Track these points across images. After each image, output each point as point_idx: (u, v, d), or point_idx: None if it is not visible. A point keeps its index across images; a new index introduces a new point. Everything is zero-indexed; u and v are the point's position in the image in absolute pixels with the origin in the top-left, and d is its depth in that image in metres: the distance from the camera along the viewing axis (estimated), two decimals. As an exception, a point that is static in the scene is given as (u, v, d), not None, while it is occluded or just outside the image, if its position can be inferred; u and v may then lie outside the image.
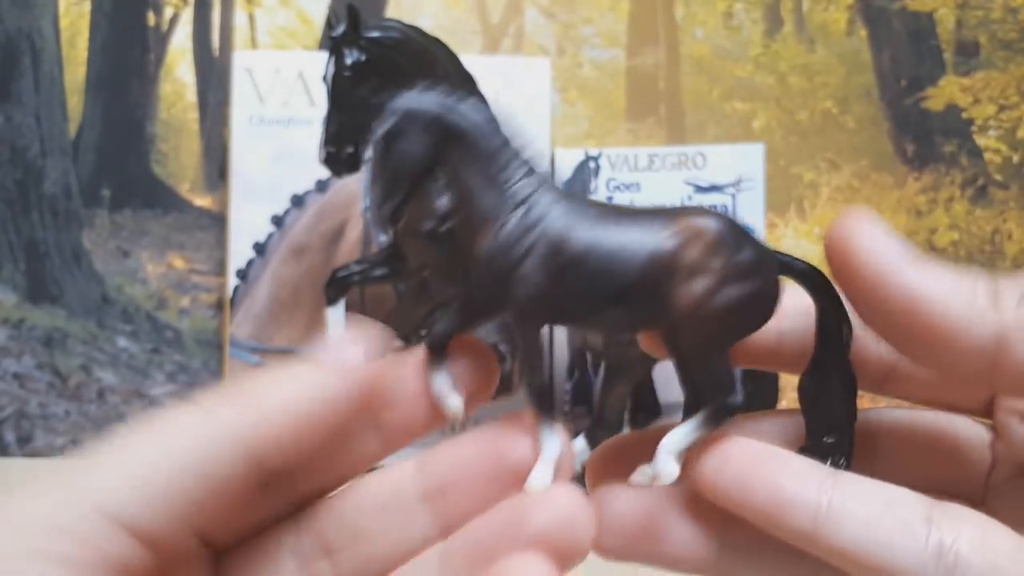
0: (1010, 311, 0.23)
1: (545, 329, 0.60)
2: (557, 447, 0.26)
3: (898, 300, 0.24)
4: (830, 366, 0.26)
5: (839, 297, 0.26)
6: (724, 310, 0.25)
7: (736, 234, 0.26)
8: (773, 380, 0.73)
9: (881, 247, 0.24)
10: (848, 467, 0.26)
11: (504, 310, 0.27)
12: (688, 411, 0.28)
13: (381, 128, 0.27)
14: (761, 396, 0.71)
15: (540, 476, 0.26)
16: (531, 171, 0.27)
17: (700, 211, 0.27)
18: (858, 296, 0.25)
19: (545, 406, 0.27)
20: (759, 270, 0.26)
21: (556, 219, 0.26)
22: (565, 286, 0.26)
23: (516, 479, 0.26)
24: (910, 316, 0.24)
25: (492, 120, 0.28)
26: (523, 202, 0.26)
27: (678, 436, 0.26)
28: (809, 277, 0.27)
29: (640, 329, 0.28)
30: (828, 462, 0.26)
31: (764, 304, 0.26)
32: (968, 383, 0.26)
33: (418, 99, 0.27)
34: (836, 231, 0.25)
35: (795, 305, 0.27)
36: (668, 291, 0.25)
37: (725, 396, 0.26)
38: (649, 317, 0.26)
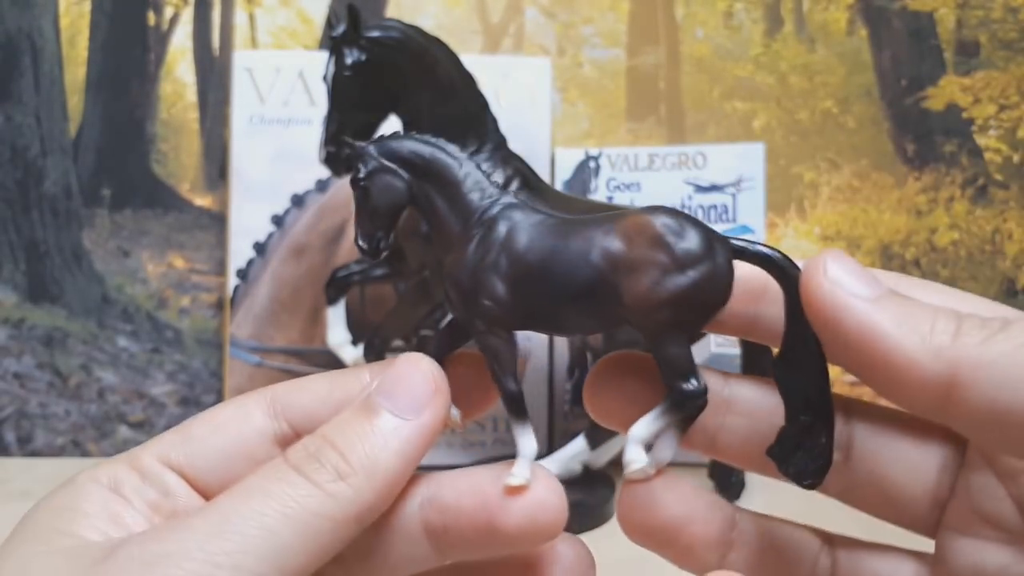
0: (967, 349, 0.24)
1: (536, 338, 0.61)
2: (532, 445, 0.29)
3: (854, 336, 0.25)
4: (799, 346, 0.27)
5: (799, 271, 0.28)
6: (671, 299, 0.27)
7: (679, 225, 0.28)
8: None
9: (841, 284, 0.26)
10: (828, 445, 0.27)
11: (471, 324, 0.29)
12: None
13: (360, 172, 0.30)
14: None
15: (518, 471, 0.28)
16: (497, 192, 0.30)
17: (647, 209, 0.29)
18: (821, 332, 0.27)
19: (518, 411, 0.29)
20: (705, 258, 0.27)
21: (513, 234, 0.29)
22: (525, 295, 0.28)
23: (508, 539, 0.29)
24: (864, 352, 0.25)
25: (456, 151, 0.31)
26: (487, 222, 0.29)
27: (642, 425, 0.28)
28: (770, 261, 0.28)
29: (605, 327, 0.30)
30: (807, 440, 0.27)
31: (714, 290, 0.27)
32: (926, 416, 0.27)
33: (394, 143, 0.30)
34: (804, 270, 0.26)
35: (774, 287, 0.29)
36: (619, 287, 0.27)
37: (683, 382, 0.28)
38: (608, 315, 0.28)
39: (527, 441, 0.28)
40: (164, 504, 0.28)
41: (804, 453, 0.27)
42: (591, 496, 0.66)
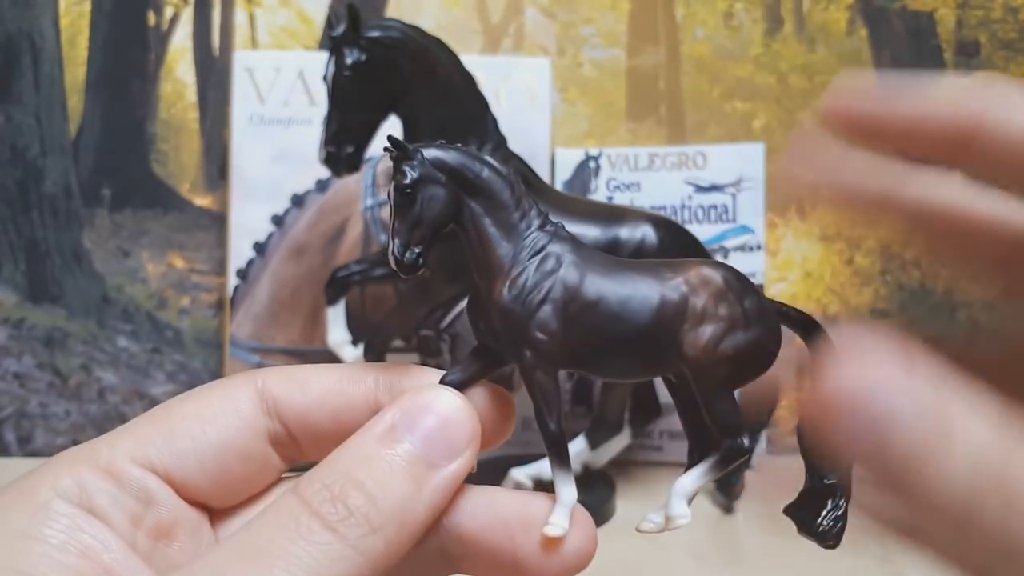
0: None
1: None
2: (572, 493, 0.27)
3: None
4: None
5: (831, 342, 0.27)
6: (731, 355, 0.27)
7: (741, 283, 0.28)
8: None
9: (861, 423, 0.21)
10: (846, 507, 0.26)
11: (520, 356, 0.28)
12: (692, 454, 0.29)
13: (407, 177, 0.27)
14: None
15: (558, 520, 0.27)
16: (546, 222, 0.29)
17: (706, 262, 0.28)
18: None
19: (560, 455, 0.28)
20: (761, 317, 0.27)
21: (570, 268, 0.27)
22: (579, 332, 0.27)
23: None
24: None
25: (510, 173, 0.29)
26: (539, 251, 0.28)
27: (689, 480, 0.28)
28: (803, 325, 0.28)
29: (649, 374, 0.29)
30: (830, 504, 0.27)
31: (767, 349, 0.27)
32: None
33: (443, 152, 0.28)
34: (820, 401, 0.22)
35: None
36: (677, 337, 0.27)
37: (734, 438, 0.27)
38: (657, 363, 0.28)
39: (568, 489, 0.27)
40: (146, 517, 0.25)
41: (827, 514, 0.27)
42: (591, 496, 0.66)
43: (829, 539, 0.27)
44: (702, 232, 0.78)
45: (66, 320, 0.85)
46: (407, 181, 0.27)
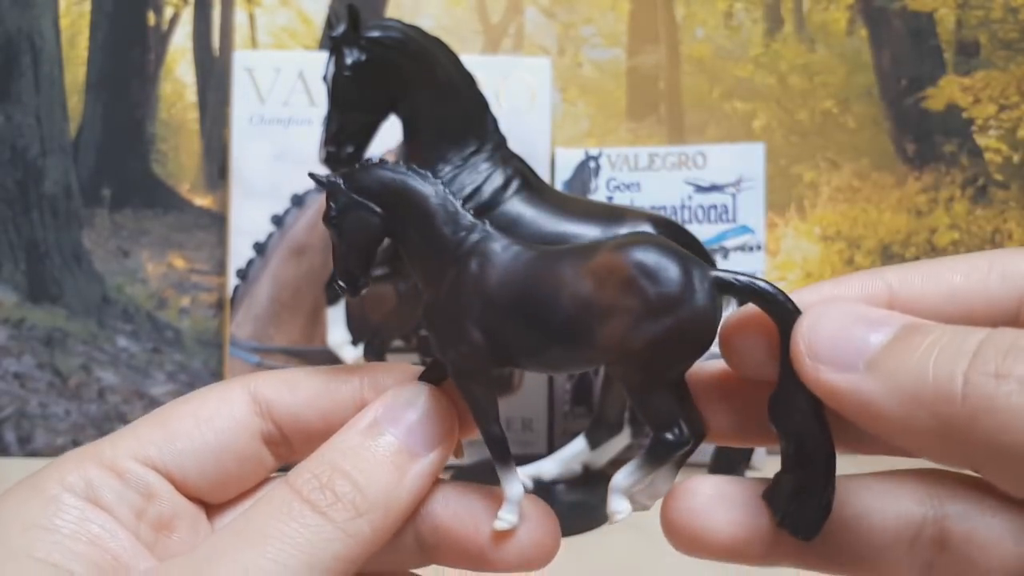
0: (978, 406, 0.20)
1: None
2: (518, 489, 0.28)
3: (850, 416, 0.22)
4: (792, 390, 0.24)
5: (797, 311, 0.24)
6: (646, 348, 0.25)
7: (654, 263, 0.25)
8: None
9: (824, 361, 0.22)
10: (827, 497, 0.24)
11: (447, 367, 0.28)
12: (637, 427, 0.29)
13: (331, 210, 0.28)
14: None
15: (507, 515, 0.27)
16: (474, 225, 0.28)
17: (621, 243, 0.26)
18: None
19: (502, 455, 0.28)
20: (681, 300, 0.25)
21: (488, 272, 0.27)
22: (503, 336, 0.27)
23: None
24: (864, 428, 0.22)
25: (432, 181, 0.29)
26: (460, 258, 0.28)
27: (624, 475, 0.27)
28: (761, 296, 0.25)
29: (587, 366, 0.28)
30: (804, 490, 0.24)
31: (695, 333, 0.25)
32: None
33: (362, 174, 0.29)
34: (792, 341, 0.23)
35: None
36: (592, 333, 0.26)
37: (663, 432, 0.26)
38: (587, 356, 0.27)
39: (513, 486, 0.28)
40: (148, 510, 0.26)
41: (801, 503, 0.24)
42: (591, 496, 0.66)
43: (800, 531, 0.25)
44: (702, 232, 0.78)
45: (66, 320, 0.85)
46: (332, 213, 0.28)
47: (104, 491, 0.25)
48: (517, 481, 0.28)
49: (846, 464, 0.24)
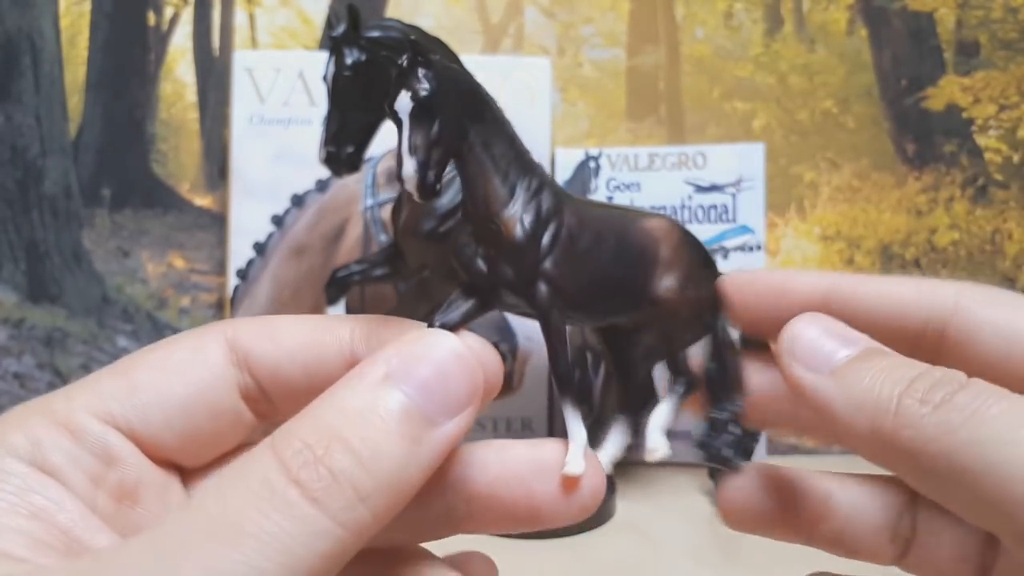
0: (919, 434, 0.23)
1: (536, 338, 0.61)
2: (583, 431, 0.28)
3: (815, 411, 0.26)
4: (722, 352, 0.30)
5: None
6: (694, 299, 0.30)
7: (694, 236, 0.31)
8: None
9: (800, 360, 0.26)
10: (755, 436, 0.30)
11: (533, 295, 0.27)
12: (626, 408, 0.32)
13: (426, 86, 0.24)
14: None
15: (577, 459, 0.26)
16: (535, 164, 0.29)
17: (660, 215, 0.31)
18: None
19: (570, 390, 0.28)
20: (715, 269, 0.30)
21: (568, 211, 0.28)
22: (580, 274, 0.28)
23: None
24: (824, 425, 0.26)
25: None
26: (537, 192, 0.28)
27: (662, 414, 0.31)
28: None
29: (614, 318, 0.30)
30: (732, 430, 0.29)
31: (718, 300, 0.30)
32: None
33: (450, 69, 0.26)
34: (780, 339, 0.27)
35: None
36: (651, 281, 0.29)
37: (689, 375, 0.31)
38: (629, 306, 0.29)
39: (580, 427, 0.27)
40: (108, 476, 0.22)
41: (732, 440, 0.29)
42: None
43: (732, 462, 0.29)
44: (702, 232, 0.78)
45: (66, 320, 0.85)
46: (426, 90, 0.24)
47: (53, 454, 0.21)
48: (582, 423, 0.27)
49: (841, 463, 0.29)
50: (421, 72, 0.24)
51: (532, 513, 0.25)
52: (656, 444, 0.29)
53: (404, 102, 0.24)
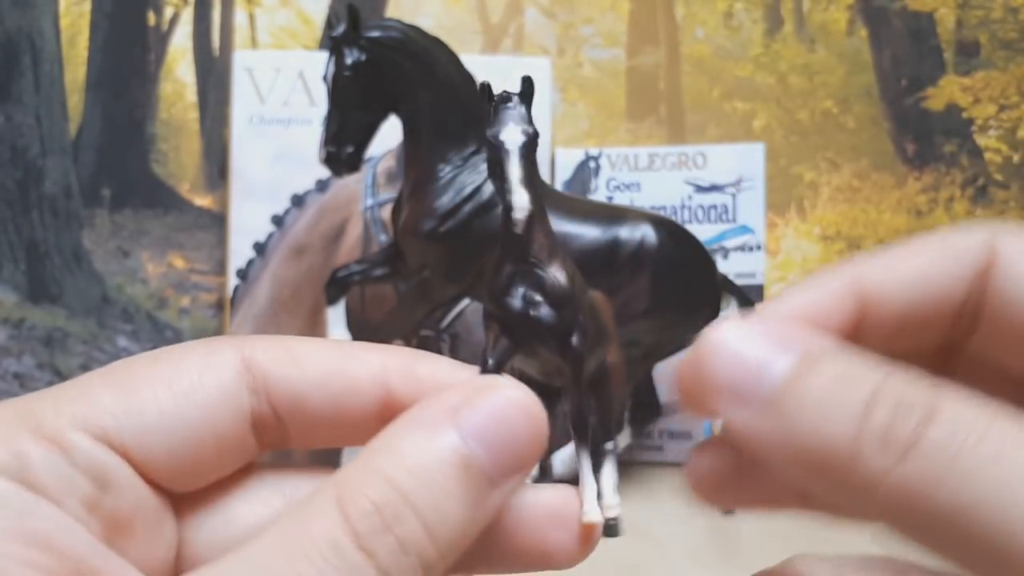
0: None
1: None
2: (594, 479, 0.26)
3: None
4: None
5: None
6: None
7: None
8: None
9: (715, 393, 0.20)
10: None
11: (566, 345, 0.26)
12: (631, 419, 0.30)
13: (532, 129, 0.25)
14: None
15: (592, 508, 0.25)
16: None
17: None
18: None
19: (586, 439, 0.27)
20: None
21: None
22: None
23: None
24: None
25: None
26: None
27: (611, 471, 0.27)
28: None
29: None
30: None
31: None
32: None
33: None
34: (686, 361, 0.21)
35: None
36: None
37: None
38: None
39: (591, 474, 0.26)
40: (104, 502, 0.19)
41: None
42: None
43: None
44: (702, 232, 0.78)
45: (66, 320, 0.85)
46: (536, 130, 0.25)
47: (44, 474, 0.18)
48: (592, 470, 0.26)
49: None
50: (530, 112, 0.25)
51: (544, 558, 0.23)
52: (612, 502, 0.27)
53: (516, 136, 0.24)
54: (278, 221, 0.81)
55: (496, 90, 0.27)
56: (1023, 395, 0.22)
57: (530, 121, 0.25)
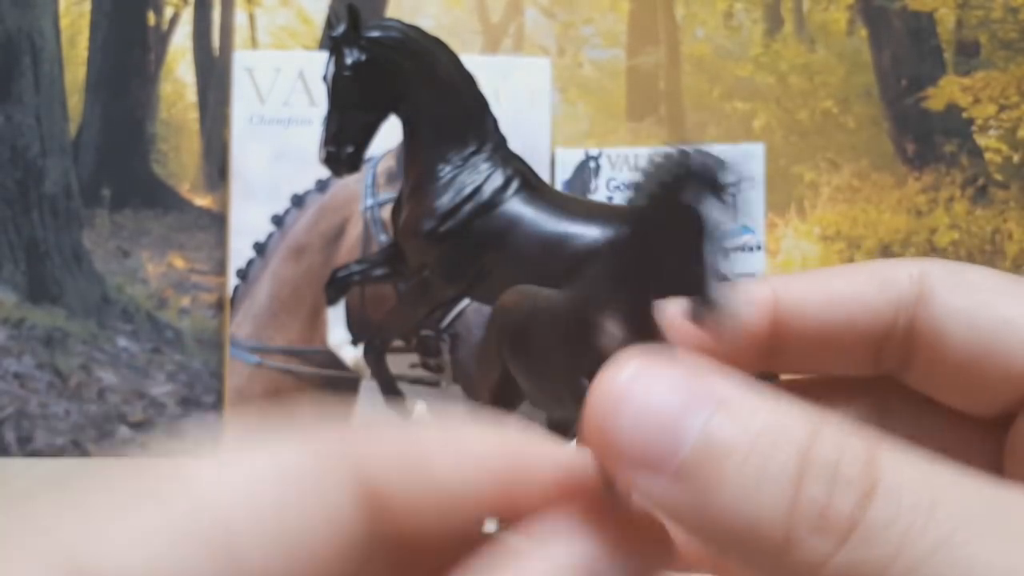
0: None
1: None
2: None
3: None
4: None
5: None
6: None
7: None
8: None
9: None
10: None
11: None
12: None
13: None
14: None
15: None
16: None
17: None
18: None
19: None
20: None
21: None
22: None
23: None
24: None
25: None
26: None
27: None
28: None
29: None
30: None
31: None
32: None
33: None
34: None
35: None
36: None
37: None
38: None
39: None
40: None
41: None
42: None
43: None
44: (702, 232, 0.78)
45: (66, 320, 0.84)
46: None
47: None
48: None
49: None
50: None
51: None
52: None
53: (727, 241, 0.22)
54: (278, 221, 0.81)
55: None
56: (961, 428, 0.22)
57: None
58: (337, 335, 0.70)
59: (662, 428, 0.15)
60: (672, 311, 0.18)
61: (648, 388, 0.16)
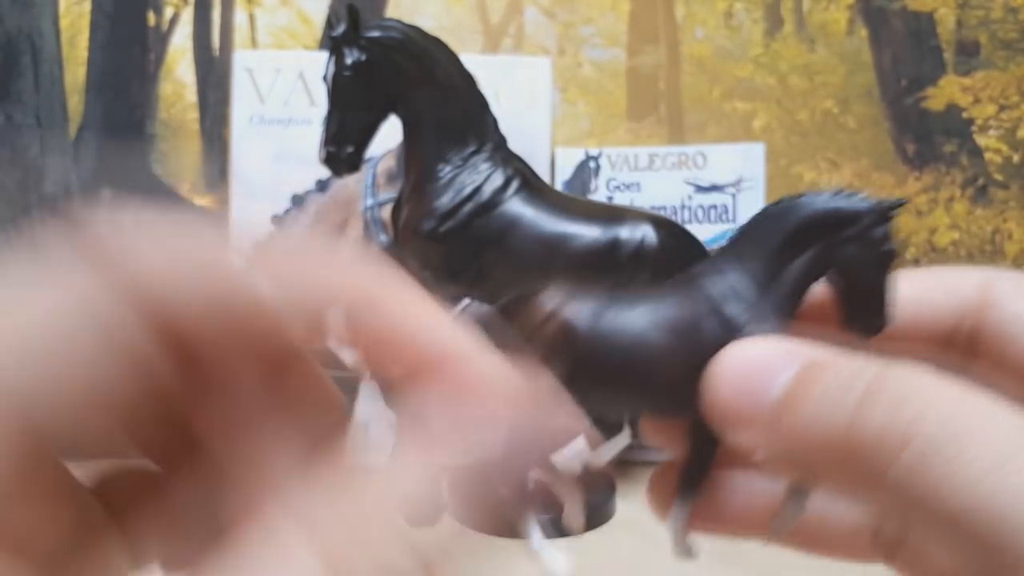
0: None
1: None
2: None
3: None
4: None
5: None
6: None
7: None
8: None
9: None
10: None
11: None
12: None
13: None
14: None
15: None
16: None
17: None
18: None
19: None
20: None
21: None
22: None
23: None
24: None
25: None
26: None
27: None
28: None
29: None
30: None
31: None
32: None
33: None
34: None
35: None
36: None
37: None
38: None
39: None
40: None
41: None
42: (591, 496, 0.66)
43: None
44: (702, 232, 0.78)
45: (66, 320, 0.85)
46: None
47: None
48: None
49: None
50: None
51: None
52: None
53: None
54: (278, 221, 0.81)
55: None
56: None
57: None
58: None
59: (754, 380, 0.19)
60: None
61: (745, 357, 0.20)
